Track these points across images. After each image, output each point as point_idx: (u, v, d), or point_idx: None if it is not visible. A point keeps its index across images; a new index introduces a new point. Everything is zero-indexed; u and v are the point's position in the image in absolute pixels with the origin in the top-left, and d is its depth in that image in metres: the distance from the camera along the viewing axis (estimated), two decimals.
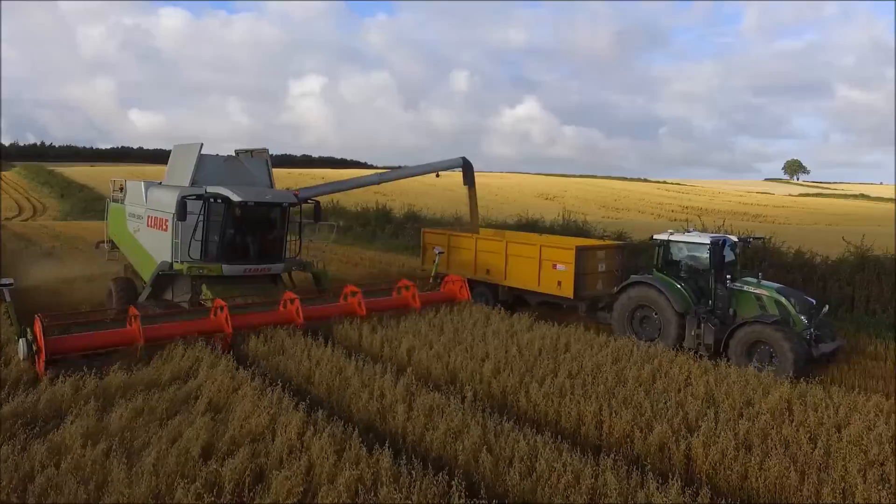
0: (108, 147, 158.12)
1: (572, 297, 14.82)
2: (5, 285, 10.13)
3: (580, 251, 14.87)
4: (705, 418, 8.16)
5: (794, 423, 8.10)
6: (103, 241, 17.44)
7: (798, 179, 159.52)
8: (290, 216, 14.33)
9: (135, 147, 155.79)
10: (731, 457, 7.11)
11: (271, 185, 15.00)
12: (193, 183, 13.70)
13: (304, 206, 15.03)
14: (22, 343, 9.83)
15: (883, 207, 76.77)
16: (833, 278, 17.19)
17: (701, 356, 11.34)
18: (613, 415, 8.20)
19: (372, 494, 6.10)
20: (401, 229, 32.36)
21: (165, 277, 13.85)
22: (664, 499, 6.03)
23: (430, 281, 15.66)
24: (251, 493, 6.31)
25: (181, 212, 12.54)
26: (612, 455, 7.02)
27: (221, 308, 11.47)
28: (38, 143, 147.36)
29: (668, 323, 13.04)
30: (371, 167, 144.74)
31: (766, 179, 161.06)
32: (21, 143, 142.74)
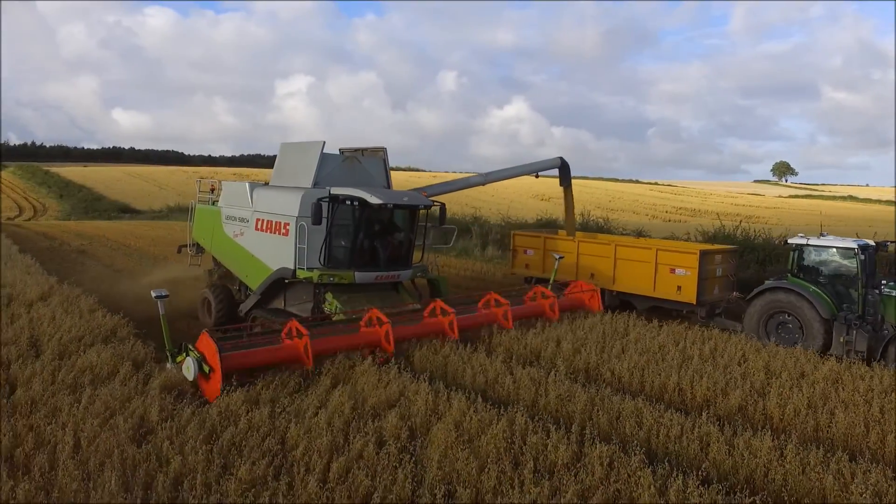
0: (98, 147, 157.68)
1: (694, 303, 14.68)
2: (161, 297, 9.67)
3: (703, 255, 14.80)
4: (771, 385, 9.50)
5: (846, 390, 9.47)
6: (186, 245, 16.71)
7: (786, 181, 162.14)
8: (418, 219, 13.61)
9: (126, 147, 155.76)
10: (803, 413, 8.46)
11: (389, 186, 14.29)
12: (315, 184, 12.84)
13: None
14: (191, 362, 9.31)
15: (871, 209, 79.40)
16: None
17: (853, 363, 11.21)
18: (692, 383, 9.51)
19: (522, 441, 7.32)
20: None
21: (277, 285, 13.17)
22: (762, 443, 7.31)
23: (549, 288, 14.61)
24: (414, 444, 7.51)
25: (317, 215, 11.72)
26: (702, 414, 8.32)
27: (381, 322, 10.96)
28: (29, 144, 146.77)
29: (811, 329, 12.76)
30: None
31: (755, 181, 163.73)
32: (11, 144, 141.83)
